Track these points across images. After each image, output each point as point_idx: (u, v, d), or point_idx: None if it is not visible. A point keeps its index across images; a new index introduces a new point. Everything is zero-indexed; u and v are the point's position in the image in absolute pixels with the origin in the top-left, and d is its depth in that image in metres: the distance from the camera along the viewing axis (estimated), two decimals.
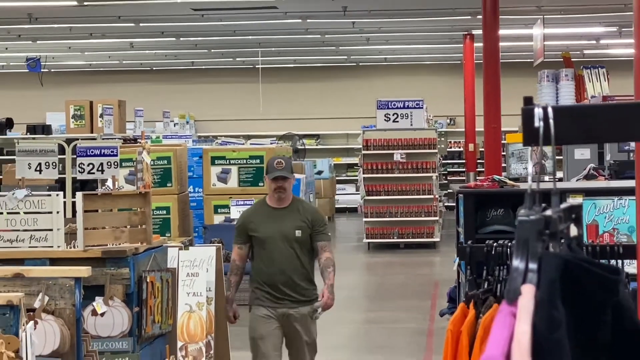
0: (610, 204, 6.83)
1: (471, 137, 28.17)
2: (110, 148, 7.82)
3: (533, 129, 1.66)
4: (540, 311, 1.54)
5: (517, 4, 19.99)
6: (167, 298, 7.55)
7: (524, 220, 1.62)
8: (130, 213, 7.31)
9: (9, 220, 7.15)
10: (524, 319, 1.53)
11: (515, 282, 1.59)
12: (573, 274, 1.63)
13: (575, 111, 1.74)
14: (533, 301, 1.55)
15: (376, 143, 21.89)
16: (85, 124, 18.59)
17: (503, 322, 1.55)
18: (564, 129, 1.67)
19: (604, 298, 1.69)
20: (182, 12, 20.93)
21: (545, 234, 1.63)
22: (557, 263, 1.61)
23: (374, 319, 13.98)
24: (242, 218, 8.41)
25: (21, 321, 5.13)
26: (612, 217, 6.82)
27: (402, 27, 24.84)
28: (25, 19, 21.20)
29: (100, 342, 6.80)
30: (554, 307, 1.55)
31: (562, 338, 1.54)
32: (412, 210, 21.80)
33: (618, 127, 1.70)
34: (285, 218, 8.15)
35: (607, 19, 22.83)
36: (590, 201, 6.79)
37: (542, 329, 1.52)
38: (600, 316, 1.70)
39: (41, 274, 5.86)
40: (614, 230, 6.79)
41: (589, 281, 1.65)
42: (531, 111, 1.67)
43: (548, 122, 1.66)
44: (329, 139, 34.33)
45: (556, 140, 1.67)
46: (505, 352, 1.50)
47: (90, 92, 24.01)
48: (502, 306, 1.60)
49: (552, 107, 1.69)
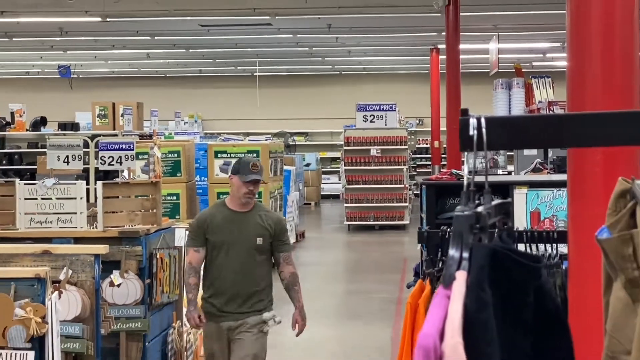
0: (550, 194, 6.83)
1: (436, 136, 28.19)
2: (127, 143, 7.79)
3: (468, 136, 1.66)
4: (470, 294, 1.53)
5: (476, 23, 19.99)
6: (174, 272, 7.53)
7: (459, 215, 1.62)
8: (143, 199, 7.29)
9: (39, 204, 7.13)
10: (457, 300, 1.52)
11: (451, 269, 1.59)
12: (501, 261, 1.62)
13: (505, 121, 1.73)
14: (465, 285, 1.54)
15: (356, 140, 21.89)
16: (108, 122, 18.54)
17: (439, 303, 1.55)
18: (495, 136, 1.67)
19: (527, 282, 1.69)
20: (191, 27, 20.89)
21: (476, 228, 1.62)
22: (486, 252, 1.60)
23: (352, 290, 13.99)
24: (199, 220, 6.77)
25: (47, 291, 5.11)
26: (552, 205, 6.82)
27: (378, 41, 24.86)
28: (57, 32, 21.13)
29: (117, 309, 6.79)
30: (482, 290, 1.55)
31: (488, 317, 1.54)
32: (386, 197, 21.82)
33: (541, 135, 1.70)
34: (246, 223, 6.58)
35: (552, 36, 22.85)
36: (534, 192, 6.79)
37: (471, 310, 1.52)
38: (524, 298, 1.69)
39: (66, 250, 5.83)
40: (553, 217, 6.79)
41: (515, 268, 1.65)
42: (467, 121, 1.67)
43: (481, 130, 1.65)
44: (316, 136, 34.32)
45: (488, 146, 1.66)
46: (439, 329, 1.50)
47: (113, 95, 23.92)
48: (439, 289, 1.60)
49: (485, 118, 1.68)
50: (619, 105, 3.58)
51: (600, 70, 3.66)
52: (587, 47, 3.68)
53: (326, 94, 33.74)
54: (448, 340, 1.48)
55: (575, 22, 3.74)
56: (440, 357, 1.47)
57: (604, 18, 3.65)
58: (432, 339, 1.47)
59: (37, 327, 4.97)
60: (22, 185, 7.20)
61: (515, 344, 1.65)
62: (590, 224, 3.96)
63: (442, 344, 1.49)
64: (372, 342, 10.19)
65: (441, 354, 1.48)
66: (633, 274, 1.64)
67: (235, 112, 33.60)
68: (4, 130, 20.75)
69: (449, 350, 1.47)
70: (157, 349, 7.30)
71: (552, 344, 1.75)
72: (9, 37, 21.74)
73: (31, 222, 7.11)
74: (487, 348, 1.52)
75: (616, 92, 3.67)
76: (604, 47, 3.67)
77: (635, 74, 3.69)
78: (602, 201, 4.01)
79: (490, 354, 1.52)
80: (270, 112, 32.89)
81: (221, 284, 6.54)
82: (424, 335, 1.47)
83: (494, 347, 1.53)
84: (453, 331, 1.48)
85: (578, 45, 3.71)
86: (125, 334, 6.86)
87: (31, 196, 7.14)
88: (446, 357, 1.47)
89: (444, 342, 1.49)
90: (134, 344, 6.91)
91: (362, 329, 10.99)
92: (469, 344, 1.49)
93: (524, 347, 1.69)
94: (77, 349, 5.78)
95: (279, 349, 9.65)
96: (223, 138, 19.19)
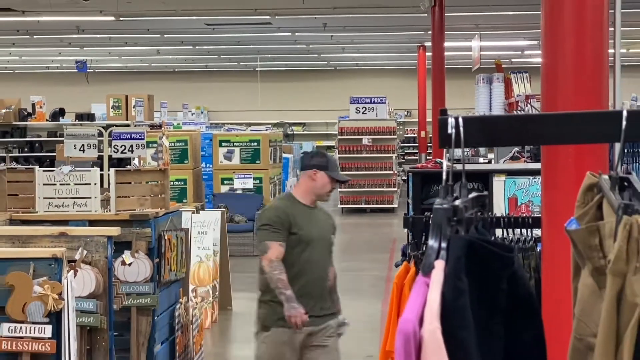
0: (527, 181, 6.82)
1: (423, 126, 28.17)
2: (138, 133, 7.76)
3: (447, 135, 1.64)
4: (447, 283, 1.52)
5: (459, 22, 19.95)
6: (181, 251, 7.52)
7: (438, 207, 1.61)
8: (152, 185, 7.27)
9: (57, 189, 7.11)
10: (435, 288, 1.50)
11: (430, 258, 1.57)
12: (477, 251, 1.61)
13: (480, 120, 1.71)
14: (443, 274, 1.53)
15: (349, 130, 21.85)
16: (121, 113, 18.50)
17: (418, 291, 1.53)
18: (472, 135, 1.65)
19: (501, 271, 1.68)
20: (198, 26, 20.83)
21: (454, 220, 1.61)
22: (462, 243, 1.59)
23: (345, 268, 13.95)
24: (280, 212, 5.52)
25: (64, 270, 5.10)
26: (528, 192, 6.81)
27: (369, 39, 24.82)
28: (74, 30, 21.07)
29: (128, 286, 6.77)
30: (459, 279, 1.53)
31: (464, 304, 1.52)
32: (376, 183, 21.80)
33: (514, 134, 1.68)
34: (319, 219, 5.68)
35: (529, 34, 22.82)
36: (512, 179, 6.78)
37: (448, 297, 1.51)
38: (498, 285, 1.68)
39: (81, 232, 5.82)
40: (529, 203, 6.78)
41: (489, 258, 1.63)
42: (445, 120, 1.65)
43: (459, 129, 1.64)
44: (313, 126, 34.28)
45: (465, 143, 1.65)
46: (419, 315, 1.49)
47: (126, 88, 23.87)
48: (418, 277, 1.58)
49: (462, 117, 1.67)
50: (589, 100, 3.56)
51: (572, 67, 3.65)
52: (560, 46, 3.67)
53: (322, 88, 33.69)
54: (427, 326, 1.47)
55: (549, 23, 3.73)
56: (419, 341, 1.46)
57: (575, 19, 3.63)
58: (412, 324, 1.46)
59: (55, 303, 4.95)
60: (41, 172, 7.18)
61: (489, 328, 1.64)
62: (563, 212, 3.95)
63: (421, 329, 1.47)
64: (363, 316, 10.18)
65: (420, 338, 1.46)
66: (599, 262, 1.63)
67: (238, 104, 33.54)
68: (26, 121, 20.69)
69: (427, 335, 1.46)
70: (165, 323, 7.29)
71: (524, 327, 1.74)
72: (30, 35, 21.68)
73: (49, 205, 7.08)
74: (463, 332, 1.51)
75: (587, 88, 3.66)
76: (576, 46, 3.66)
77: (605, 71, 3.68)
78: (573, 191, 4.01)
79: (466, 338, 1.50)
80: (270, 104, 32.84)
81: (307, 283, 5.43)
82: (404, 320, 1.46)
83: (469, 331, 1.52)
84: (432, 317, 1.46)
85: (552, 45, 3.70)
86: (135, 309, 6.84)
87: (49, 182, 7.11)
88: (425, 341, 1.45)
89: (422, 327, 1.48)
90: (144, 318, 6.90)
91: (353, 303, 10.95)
92: (446, 329, 1.47)
93: (497, 330, 1.68)
94: (92, 323, 5.77)
95: None
96: (227, 128, 19.15)
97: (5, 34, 21.90)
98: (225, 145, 15.75)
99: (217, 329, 9.54)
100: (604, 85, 3.63)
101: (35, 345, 4.97)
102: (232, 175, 15.45)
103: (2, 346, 4.93)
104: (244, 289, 11.48)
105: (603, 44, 3.59)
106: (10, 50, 26.20)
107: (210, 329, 9.42)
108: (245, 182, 15.42)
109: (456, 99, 23.97)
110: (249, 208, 14.93)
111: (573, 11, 3.55)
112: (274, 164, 16.30)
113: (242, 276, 12.35)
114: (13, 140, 20.60)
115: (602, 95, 3.62)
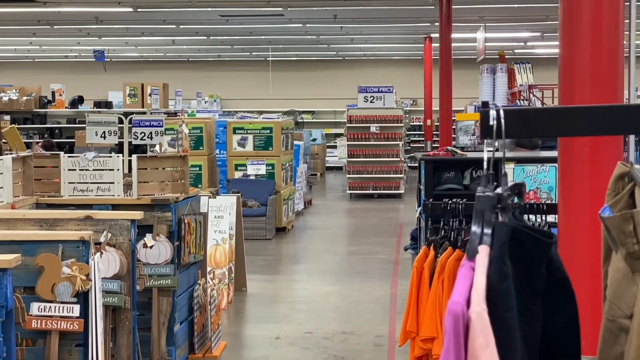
0: (534, 169, 6.81)
1: (429, 115, 28.13)
2: (157, 120, 7.74)
3: (488, 126, 1.64)
4: (493, 266, 1.53)
5: (465, 14, 19.90)
6: (200, 235, 7.54)
7: (481, 195, 1.61)
8: (172, 171, 7.28)
9: (81, 174, 7.12)
10: (481, 272, 1.52)
11: (474, 243, 1.58)
12: (518, 237, 1.62)
13: (519, 113, 1.72)
14: (487, 258, 1.54)
15: (357, 118, 21.82)
16: (137, 101, 18.50)
17: (465, 274, 1.54)
18: (512, 126, 1.65)
19: (540, 256, 1.69)
20: (212, 17, 20.80)
21: (497, 207, 1.62)
22: (506, 230, 1.60)
23: (354, 251, 13.99)
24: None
25: (90, 252, 5.12)
26: (535, 179, 6.80)
27: (378, 30, 24.76)
28: (93, 21, 21.06)
29: (149, 268, 6.79)
30: (504, 263, 1.54)
31: (509, 286, 1.54)
32: (384, 169, 21.79)
33: (552, 126, 1.68)
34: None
35: (532, 26, 22.75)
36: (520, 167, 6.77)
37: (494, 280, 1.52)
38: (538, 269, 1.69)
39: (105, 216, 5.84)
40: (537, 189, 6.77)
41: (529, 243, 1.64)
42: (487, 112, 1.65)
43: (500, 121, 1.64)
44: (322, 115, 34.24)
45: (505, 135, 1.65)
46: (466, 298, 1.50)
47: (142, 77, 23.85)
48: (464, 261, 1.59)
49: (504, 110, 1.67)
50: (604, 91, 3.56)
51: (589, 59, 3.64)
52: (577, 39, 3.66)
53: (331, 77, 33.65)
54: (474, 307, 1.48)
55: (567, 17, 3.72)
56: (467, 322, 1.47)
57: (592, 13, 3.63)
58: (460, 305, 1.48)
59: (82, 284, 4.98)
60: (66, 158, 7.19)
61: (529, 309, 1.66)
62: (579, 198, 3.97)
63: (468, 311, 1.49)
64: (371, 298, 10.20)
65: (468, 319, 1.48)
66: (633, 247, 1.64)
67: (250, 92, 33.52)
68: (46, 108, 20.73)
69: (475, 316, 1.47)
70: (185, 303, 7.32)
71: (560, 309, 1.75)
72: (51, 25, 21.68)
73: (74, 190, 7.10)
74: (507, 314, 1.53)
75: (602, 80, 3.66)
76: (592, 39, 3.65)
77: (620, 63, 3.67)
78: (589, 178, 4.03)
79: (510, 319, 1.52)
80: (281, 93, 32.81)
81: None
82: (453, 302, 1.47)
83: (512, 313, 1.53)
84: (478, 299, 1.48)
85: (569, 37, 3.69)
86: (157, 290, 6.87)
87: (74, 167, 7.13)
88: (472, 322, 1.47)
89: (470, 308, 1.49)
90: (164, 298, 6.93)
91: (362, 285, 11.00)
92: (492, 311, 1.49)
93: (536, 311, 1.69)
94: (116, 303, 5.80)
95: (289, 302, 9.69)
96: (240, 116, 19.14)
97: (27, 24, 21.91)
98: (239, 133, 15.75)
99: (232, 310, 9.57)
100: (619, 77, 3.63)
101: (64, 324, 5.00)
102: (246, 162, 15.46)
103: (32, 324, 4.96)
104: (257, 271, 11.52)
105: (619, 36, 3.58)
106: (31, 39, 26.22)
107: (227, 309, 9.45)
108: (258, 168, 15.43)
109: (461, 88, 23.95)
110: (261, 193, 14.95)
111: (590, 5, 3.54)
112: (286, 150, 16.30)
113: (256, 259, 12.39)
114: (34, 126, 20.65)
115: (617, 87, 3.62)
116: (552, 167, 6.64)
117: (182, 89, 22.60)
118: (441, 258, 3.63)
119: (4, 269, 4.14)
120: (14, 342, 4.25)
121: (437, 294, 3.61)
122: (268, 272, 11.94)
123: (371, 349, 7.95)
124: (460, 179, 6.70)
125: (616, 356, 1.67)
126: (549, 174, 6.67)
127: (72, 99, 20.83)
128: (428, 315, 3.69)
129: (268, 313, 9.49)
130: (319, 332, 8.57)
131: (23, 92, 20.51)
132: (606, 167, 3.50)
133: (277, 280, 11.54)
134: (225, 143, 15.85)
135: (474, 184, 6.63)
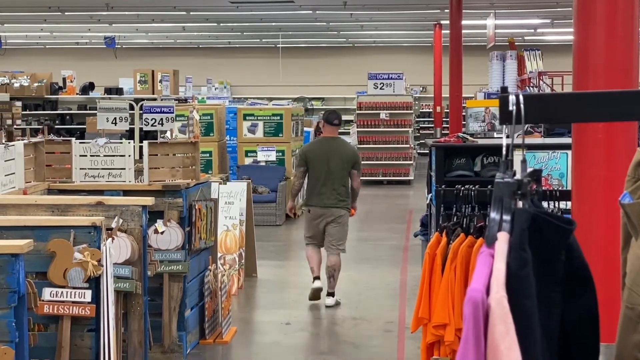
0: (545, 155, 6.77)
1: (438, 101, 28.06)
2: (168, 107, 7.74)
3: (508, 111, 1.62)
4: (512, 253, 1.51)
5: (476, 1, 19.80)
6: (210, 221, 7.53)
7: (500, 182, 1.59)
8: (183, 157, 7.27)
9: (92, 160, 7.12)
10: (500, 259, 1.50)
11: (493, 230, 1.56)
12: (538, 224, 1.60)
13: (539, 98, 1.69)
14: (507, 245, 1.52)
15: (367, 105, 21.77)
16: (148, 87, 18.49)
17: (484, 261, 1.53)
18: (531, 111, 1.63)
19: (560, 243, 1.67)
20: (222, 4, 20.76)
21: (516, 193, 1.59)
22: (526, 216, 1.58)
23: (364, 237, 13.97)
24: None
25: (102, 238, 5.12)
26: (547, 165, 6.77)
27: (388, 17, 24.67)
28: (104, 7, 21.03)
29: (160, 254, 6.80)
30: (523, 250, 1.52)
31: (529, 273, 1.52)
32: (393, 156, 21.75)
33: (570, 111, 1.66)
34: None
35: (542, 13, 22.62)
36: (531, 153, 6.74)
37: (513, 267, 1.50)
38: (557, 256, 1.67)
39: (117, 202, 5.83)
40: (548, 176, 6.74)
41: (549, 230, 1.62)
42: (506, 98, 1.63)
43: (519, 106, 1.62)
44: (331, 101, 34.16)
45: (525, 120, 1.63)
46: (486, 285, 1.48)
47: (152, 63, 23.82)
48: (483, 248, 1.57)
49: (523, 95, 1.65)
50: (618, 78, 3.53)
51: (603, 45, 3.61)
52: (592, 25, 3.63)
53: (341, 64, 33.56)
54: (493, 294, 1.47)
55: (581, 3, 3.68)
56: (486, 309, 1.45)
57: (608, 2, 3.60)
58: (480, 293, 1.46)
59: (94, 269, 4.98)
60: (77, 144, 7.19)
61: (548, 296, 1.64)
62: (592, 184, 3.95)
63: (488, 298, 1.47)
64: (382, 284, 10.20)
65: (487, 306, 1.46)
66: None
67: (260, 79, 33.47)
68: (57, 94, 20.73)
69: (494, 303, 1.46)
70: (195, 289, 7.33)
71: (579, 295, 1.73)
72: (62, 12, 21.66)
73: (85, 176, 7.10)
74: (527, 301, 1.51)
75: (617, 66, 3.63)
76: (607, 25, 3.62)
77: (635, 49, 3.64)
78: (604, 164, 4.01)
79: (529, 305, 1.50)
80: (291, 80, 32.75)
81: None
82: (473, 289, 1.45)
83: (532, 299, 1.51)
84: (498, 286, 1.46)
85: (583, 24, 3.65)
86: (168, 275, 6.88)
87: (85, 153, 7.12)
88: (492, 309, 1.45)
89: (490, 295, 1.47)
90: (175, 284, 6.94)
91: (373, 271, 10.99)
92: (512, 298, 1.47)
93: (555, 298, 1.67)
94: (127, 288, 5.80)
95: (299, 288, 9.68)
96: (250, 102, 19.11)
97: (38, 10, 21.90)
98: (249, 119, 15.73)
99: (243, 295, 9.57)
100: (634, 64, 3.60)
101: (76, 309, 5.00)
102: (256, 148, 15.44)
103: (45, 310, 4.96)
104: (267, 257, 11.51)
105: (634, 23, 3.55)
106: (42, 26, 26.20)
107: (237, 295, 9.45)
108: (268, 154, 15.41)
109: (470, 75, 23.85)
110: (271, 179, 14.93)
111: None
112: (296, 137, 16.27)
113: (266, 244, 12.37)
114: (45, 112, 20.66)
115: (632, 74, 3.59)
116: (563, 154, 6.61)
117: (192, 76, 22.55)
118: (453, 245, 3.60)
119: (16, 255, 4.13)
120: (26, 327, 4.25)
121: (449, 281, 3.60)
122: (278, 258, 11.93)
123: (381, 334, 7.94)
124: (471, 166, 6.67)
125: (635, 344, 1.65)
126: (560, 161, 6.63)
127: (83, 85, 20.83)
128: (440, 301, 3.68)
129: (278, 299, 9.48)
130: (329, 318, 8.57)
131: (34, 79, 20.52)
132: (621, 153, 3.48)
133: (287, 266, 11.53)
134: (235, 129, 15.83)
135: (484, 171, 6.59)
